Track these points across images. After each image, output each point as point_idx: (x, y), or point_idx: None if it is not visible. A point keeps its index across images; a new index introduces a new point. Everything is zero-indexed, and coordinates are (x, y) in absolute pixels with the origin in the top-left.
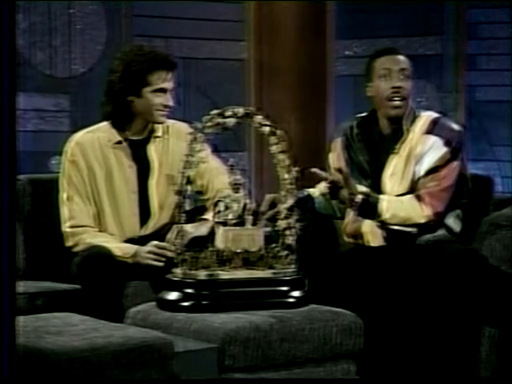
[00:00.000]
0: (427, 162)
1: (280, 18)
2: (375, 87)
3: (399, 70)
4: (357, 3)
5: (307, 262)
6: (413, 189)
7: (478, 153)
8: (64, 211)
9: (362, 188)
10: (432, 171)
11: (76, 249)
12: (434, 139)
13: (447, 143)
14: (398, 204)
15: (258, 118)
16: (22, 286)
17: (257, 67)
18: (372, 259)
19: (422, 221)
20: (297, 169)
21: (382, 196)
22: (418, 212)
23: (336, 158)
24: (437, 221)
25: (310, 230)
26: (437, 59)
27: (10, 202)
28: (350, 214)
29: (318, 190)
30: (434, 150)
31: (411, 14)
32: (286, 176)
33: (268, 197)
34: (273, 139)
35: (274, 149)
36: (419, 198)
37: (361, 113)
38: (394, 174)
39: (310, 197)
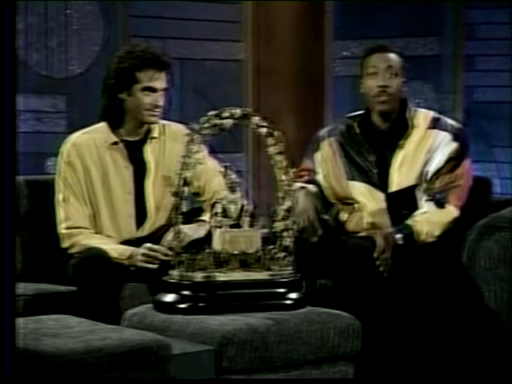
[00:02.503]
0: (441, 157)
1: (277, 19)
2: (365, 85)
3: (386, 68)
4: (355, 3)
5: (305, 263)
6: (420, 180)
7: (476, 154)
8: (60, 212)
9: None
10: (449, 167)
11: (72, 250)
12: (442, 134)
13: (455, 138)
14: (428, 221)
15: (256, 119)
16: (18, 288)
17: (254, 68)
18: (369, 259)
19: (452, 223)
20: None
21: (409, 223)
22: (447, 217)
23: (325, 157)
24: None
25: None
26: (435, 60)
27: (10, 205)
28: (348, 214)
29: None
30: (444, 145)
31: (409, 14)
32: (284, 177)
33: None
34: (270, 140)
35: (271, 150)
36: (444, 202)
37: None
38: (401, 167)
39: None
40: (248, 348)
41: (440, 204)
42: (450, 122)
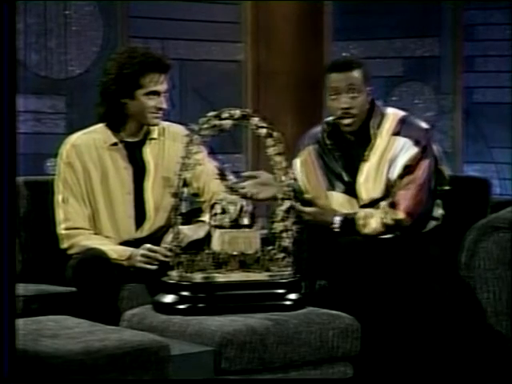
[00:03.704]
0: (400, 164)
1: (276, 20)
2: (328, 104)
3: (347, 89)
4: (354, 4)
5: (304, 264)
6: (388, 192)
7: (475, 155)
8: (59, 213)
9: (337, 198)
10: (405, 172)
11: (71, 251)
12: (403, 141)
13: (417, 143)
14: (373, 216)
15: (255, 120)
16: (18, 289)
17: (253, 69)
18: (368, 260)
19: (393, 224)
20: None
21: (358, 213)
22: (392, 218)
23: (304, 164)
24: (414, 220)
25: (306, 232)
26: (434, 61)
27: (10, 206)
28: None
29: None
30: (404, 151)
31: (408, 15)
32: (283, 178)
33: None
34: (269, 141)
35: (270, 151)
36: (393, 204)
37: None
38: (367, 180)
39: None
40: (247, 349)
41: (390, 204)
42: (417, 124)
